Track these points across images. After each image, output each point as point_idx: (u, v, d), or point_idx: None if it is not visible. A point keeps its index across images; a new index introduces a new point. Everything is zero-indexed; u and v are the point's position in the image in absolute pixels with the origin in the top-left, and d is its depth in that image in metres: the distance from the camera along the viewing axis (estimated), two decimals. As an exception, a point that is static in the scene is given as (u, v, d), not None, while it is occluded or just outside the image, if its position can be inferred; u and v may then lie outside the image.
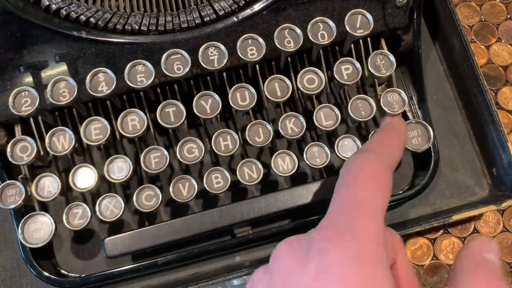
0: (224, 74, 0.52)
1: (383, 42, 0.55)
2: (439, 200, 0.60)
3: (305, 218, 0.55)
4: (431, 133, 0.52)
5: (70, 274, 0.56)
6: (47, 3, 0.47)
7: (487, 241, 0.34)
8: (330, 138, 0.59)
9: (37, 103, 0.47)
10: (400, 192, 0.57)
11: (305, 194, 0.52)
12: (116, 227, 0.57)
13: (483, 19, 0.70)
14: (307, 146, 0.52)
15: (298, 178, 0.59)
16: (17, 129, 0.52)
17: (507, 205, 0.56)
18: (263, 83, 0.51)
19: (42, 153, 0.51)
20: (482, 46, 0.69)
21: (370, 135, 0.52)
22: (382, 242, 0.32)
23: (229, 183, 0.51)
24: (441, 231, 0.61)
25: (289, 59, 0.53)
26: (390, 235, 0.38)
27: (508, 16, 0.70)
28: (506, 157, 0.57)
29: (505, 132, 0.57)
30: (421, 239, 0.61)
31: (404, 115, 0.56)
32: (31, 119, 0.50)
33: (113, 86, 0.48)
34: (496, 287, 0.31)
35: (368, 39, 0.53)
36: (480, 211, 0.56)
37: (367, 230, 0.32)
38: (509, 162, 0.57)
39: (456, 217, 0.56)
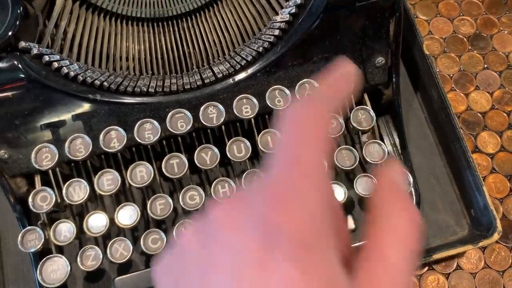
0: (223, 127, 0.58)
1: (365, 96, 0.61)
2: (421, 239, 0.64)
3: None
4: (411, 179, 0.58)
5: (83, 311, 0.61)
6: (66, 70, 0.53)
7: (399, 166, 0.31)
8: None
9: (56, 158, 0.53)
10: (386, 232, 0.62)
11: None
12: (125, 266, 0.62)
13: (462, 69, 0.76)
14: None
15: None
16: (37, 179, 0.57)
17: (483, 245, 0.60)
18: (258, 135, 0.57)
19: (59, 201, 0.56)
20: (462, 94, 0.75)
21: None
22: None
23: (227, 226, 0.56)
24: (426, 267, 0.65)
25: (281, 113, 0.58)
26: None
27: (485, 65, 0.76)
28: (482, 199, 0.62)
29: (480, 177, 0.62)
30: (407, 276, 0.65)
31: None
32: (50, 171, 0.56)
33: (124, 142, 0.54)
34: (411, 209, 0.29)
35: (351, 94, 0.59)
36: (458, 250, 0.60)
37: None
38: (484, 204, 0.61)
39: (436, 256, 0.60)
